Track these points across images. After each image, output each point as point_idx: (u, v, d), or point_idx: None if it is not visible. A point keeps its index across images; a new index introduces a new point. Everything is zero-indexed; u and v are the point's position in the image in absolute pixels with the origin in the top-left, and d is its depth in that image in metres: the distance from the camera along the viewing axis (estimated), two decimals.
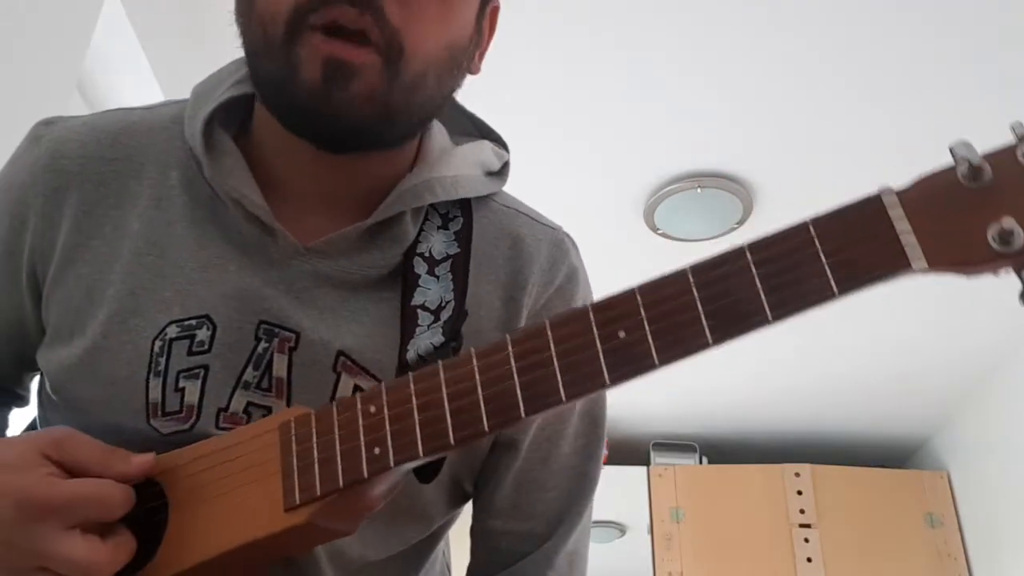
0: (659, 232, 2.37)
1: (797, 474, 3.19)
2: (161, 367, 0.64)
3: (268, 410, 0.65)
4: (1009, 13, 1.70)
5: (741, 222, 2.28)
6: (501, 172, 0.79)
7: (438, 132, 0.76)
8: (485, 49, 0.73)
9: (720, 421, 3.37)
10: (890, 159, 2.01)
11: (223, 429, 0.64)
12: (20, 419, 0.79)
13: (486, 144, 0.79)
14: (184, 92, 0.76)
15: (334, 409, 0.57)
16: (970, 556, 3.00)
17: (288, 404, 0.65)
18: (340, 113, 0.62)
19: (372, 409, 0.55)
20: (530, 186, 1.84)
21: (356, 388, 0.65)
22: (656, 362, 0.48)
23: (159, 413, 0.64)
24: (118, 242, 0.68)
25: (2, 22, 1.19)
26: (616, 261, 2.21)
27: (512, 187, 0.85)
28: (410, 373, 0.55)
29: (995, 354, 2.81)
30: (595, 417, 0.77)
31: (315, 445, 0.56)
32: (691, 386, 3.06)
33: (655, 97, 1.98)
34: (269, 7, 0.62)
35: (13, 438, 0.63)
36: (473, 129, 0.81)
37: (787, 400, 3.21)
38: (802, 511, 3.12)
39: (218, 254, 0.68)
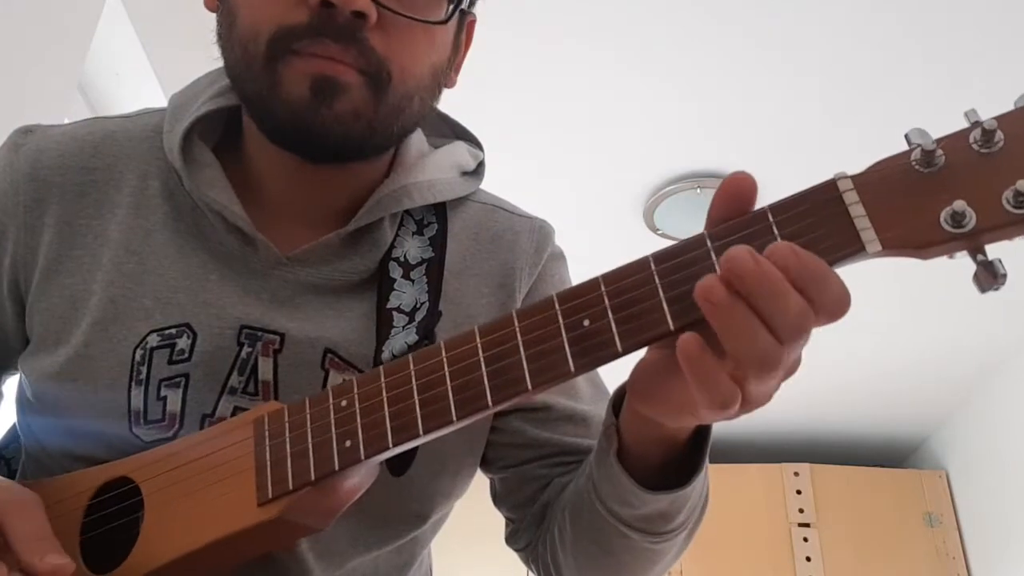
0: (659, 232, 2.37)
1: (796, 473, 3.20)
2: (143, 376, 0.65)
3: None
4: (1004, 13, 1.71)
5: None
6: (477, 171, 0.80)
7: (415, 137, 0.77)
8: (461, 62, 0.75)
9: (719, 421, 3.37)
10: None
11: None
12: None
13: (460, 145, 0.81)
14: None
15: (306, 404, 0.57)
16: (969, 555, 3.00)
17: None
18: (326, 128, 0.62)
19: (344, 403, 0.55)
20: (530, 186, 1.85)
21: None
22: (620, 350, 0.48)
23: (141, 421, 0.64)
24: (99, 251, 0.69)
25: (3, 23, 1.19)
26: (616, 261, 2.20)
27: (512, 187, 0.85)
28: (381, 367, 0.56)
29: (993, 353, 2.82)
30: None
31: (288, 440, 0.56)
32: None
33: (655, 97, 1.98)
34: (250, 27, 0.63)
35: None
36: (448, 130, 0.82)
37: (786, 400, 3.19)
38: (801, 510, 3.13)
39: (199, 264, 0.68)
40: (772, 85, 1.93)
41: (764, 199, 0.49)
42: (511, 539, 0.78)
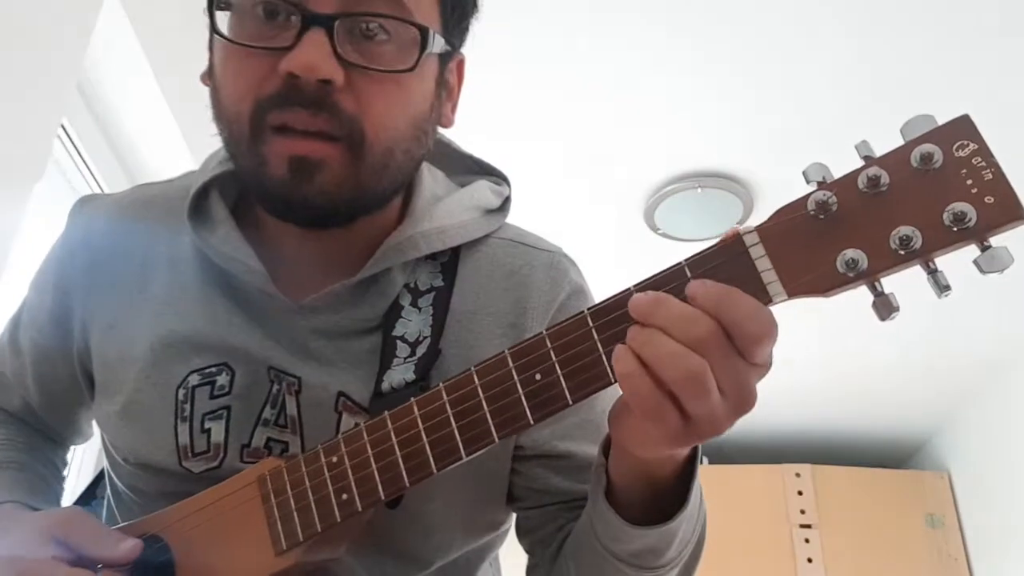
0: (659, 232, 2.37)
1: (798, 474, 3.19)
2: (187, 412, 0.71)
3: (285, 445, 0.71)
4: (1012, 8, 1.70)
5: (741, 222, 2.28)
6: (502, 207, 0.81)
7: (428, 181, 0.78)
8: (456, 101, 0.75)
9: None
10: None
11: (247, 463, 0.70)
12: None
13: (482, 184, 0.81)
14: (183, 92, 0.77)
15: (302, 462, 0.64)
16: (971, 557, 3.00)
17: (301, 440, 0.71)
18: (308, 202, 0.65)
19: (334, 459, 0.63)
20: (531, 187, 1.85)
21: (357, 426, 0.69)
22: (569, 400, 0.54)
23: (189, 455, 0.71)
24: (143, 305, 0.76)
25: (2, 22, 1.19)
26: (617, 261, 2.21)
27: (513, 188, 0.85)
28: (362, 425, 0.63)
29: (996, 354, 2.81)
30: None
31: (291, 496, 0.64)
32: None
33: (655, 97, 1.98)
34: (232, 107, 0.66)
35: (30, 516, 0.72)
36: (474, 166, 0.84)
37: (787, 400, 3.21)
38: (803, 511, 3.13)
39: (224, 310, 0.74)
40: (773, 85, 1.93)
41: (763, 197, 0.49)
42: (530, 574, 0.80)
